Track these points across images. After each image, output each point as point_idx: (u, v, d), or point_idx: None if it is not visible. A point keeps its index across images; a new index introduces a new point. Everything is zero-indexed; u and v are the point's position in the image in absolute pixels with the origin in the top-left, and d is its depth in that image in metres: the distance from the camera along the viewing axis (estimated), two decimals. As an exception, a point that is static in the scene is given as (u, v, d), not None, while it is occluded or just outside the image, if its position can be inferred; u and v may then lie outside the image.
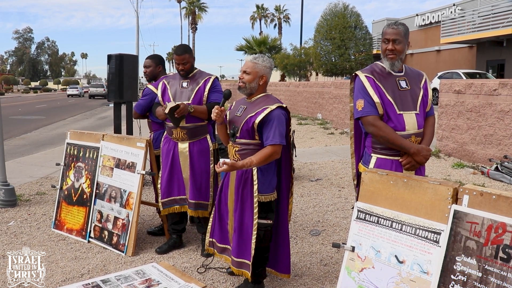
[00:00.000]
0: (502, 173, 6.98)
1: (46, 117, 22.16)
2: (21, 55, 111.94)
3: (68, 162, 4.74)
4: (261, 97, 3.18)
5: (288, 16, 65.68)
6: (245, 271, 3.16)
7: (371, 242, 2.66)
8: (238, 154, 3.13)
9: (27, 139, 13.88)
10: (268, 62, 3.17)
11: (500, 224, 2.18)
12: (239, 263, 3.18)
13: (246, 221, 3.13)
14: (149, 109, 4.38)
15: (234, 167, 2.95)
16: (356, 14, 28.11)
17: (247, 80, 3.12)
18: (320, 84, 19.01)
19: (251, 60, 3.15)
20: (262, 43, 31.65)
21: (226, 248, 3.38)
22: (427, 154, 2.97)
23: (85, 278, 3.59)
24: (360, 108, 2.99)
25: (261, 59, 3.15)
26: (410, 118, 2.98)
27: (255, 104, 3.15)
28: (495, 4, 22.02)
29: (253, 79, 3.13)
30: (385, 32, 3.03)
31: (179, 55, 3.87)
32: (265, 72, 3.15)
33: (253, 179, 3.08)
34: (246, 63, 3.17)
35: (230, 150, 3.20)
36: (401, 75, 3.07)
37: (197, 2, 61.92)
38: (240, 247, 3.17)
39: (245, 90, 3.16)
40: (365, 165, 3.11)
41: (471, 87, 8.42)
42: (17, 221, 5.02)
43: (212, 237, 3.43)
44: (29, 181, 7.02)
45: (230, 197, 3.25)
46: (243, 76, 3.14)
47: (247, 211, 3.13)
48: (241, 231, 3.16)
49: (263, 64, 3.14)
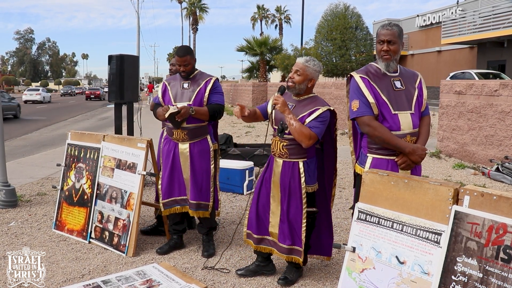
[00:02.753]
0: (503, 174, 6.97)
1: (47, 118, 22.19)
2: (22, 55, 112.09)
3: (69, 162, 4.75)
4: (310, 98, 3.36)
5: (288, 17, 65.82)
6: (296, 257, 3.40)
7: (372, 242, 2.66)
8: (286, 148, 3.32)
9: (28, 139, 13.90)
10: (318, 66, 3.33)
11: (501, 225, 2.17)
12: (290, 250, 3.40)
13: (295, 211, 3.36)
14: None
15: (284, 108, 3.19)
16: (357, 14, 28.09)
17: (297, 81, 3.28)
18: (321, 84, 18.98)
19: (303, 62, 3.28)
20: (263, 44, 31.59)
21: (263, 239, 3.54)
22: (422, 154, 2.98)
23: (85, 278, 3.59)
24: (355, 108, 3.01)
25: (312, 63, 3.29)
26: (405, 118, 2.99)
27: (304, 104, 3.32)
28: (496, 4, 22.02)
29: (303, 81, 3.28)
30: (380, 33, 3.05)
31: (181, 56, 3.87)
32: (314, 75, 3.32)
33: (300, 172, 3.31)
34: (298, 64, 3.30)
35: (277, 145, 3.37)
36: (396, 76, 3.09)
37: (198, 3, 61.95)
38: (290, 235, 3.38)
39: (294, 90, 3.32)
40: (361, 165, 3.13)
41: (471, 88, 8.42)
42: (17, 221, 5.02)
43: (250, 229, 3.57)
44: (30, 181, 7.02)
45: (274, 189, 3.42)
46: (293, 76, 3.28)
47: (296, 202, 3.35)
48: (290, 220, 3.37)
49: (313, 68, 3.29)
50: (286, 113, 3.19)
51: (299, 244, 3.37)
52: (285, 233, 3.39)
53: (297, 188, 3.33)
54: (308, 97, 3.35)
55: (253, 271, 3.60)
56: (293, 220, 3.36)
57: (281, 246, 3.42)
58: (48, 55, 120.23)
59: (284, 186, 3.36)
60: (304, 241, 3.36)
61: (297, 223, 3.36)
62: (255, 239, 3.55)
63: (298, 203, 3.34)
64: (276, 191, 3.40)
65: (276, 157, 3.39)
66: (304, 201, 3.33)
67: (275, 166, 3.39)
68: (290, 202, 3.36)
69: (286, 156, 3.34)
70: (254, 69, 34.57)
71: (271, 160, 3.46)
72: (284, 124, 3.24)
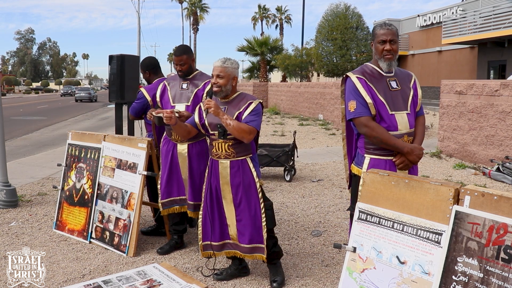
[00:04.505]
0: (503, 174, 6.97)
1: (48, 118, 22.20)
2: (23, 55, 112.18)
3: (70, 162, 4.75)
4: (238, 96, 3.40)
5: (289, 17, 65.81)
6: (259, 255, 3.39)
7: (373, 242, 2.66)
8: (232, 148, 3.32)
9: (29, 139, 13.90)
10: (235, 63, 3.36)
11: (501, 225, 2.17)
12: (252, 249, 3.40)
13: (254, 206, 3.36)
14: (143, 112, 4.40)
15: (218, 111, 3.19)
16: (357, 14, 28.06)
17: (222, 84, 3.29)
18: (322, 85, 19.00)
19: (221, 65, 3.30)
20: (264, 44, 31.56)
21: (225, 244, 3.52)
22: (420, 153, 2.99)
23: (86, 278, 3.60)
24: (353, 109, 2.99)
25: (229, 62, 3.32)
26: (402, 118, 2.99)
27: (235, 103, 3.35)
28: (496, 4, 22.00)
29: (227, 82, 3.31)
30: (380, 33, 3.02)
31: (178, 56, 3.88)
32: (235, 72, 3.35)
33: (250, 168, 3.35)
34: (216, 68, 3.30)
35: (221, 147, 3.35)
36: (391, 76, 3.08)
37: (199, 3, 61.99)
38: (250, 234, 3.37)
39: (221, 93, 3.33)
40: (358, 166, 3.11)
41: (472, 88, 8.41)
42: (18, 221, 5.02)
43: (208, 240, 3.51)
44: (31, 181, 7.03)
45: (225, 191, 3.40)
46: (217, 81, 3.29)
47: (253, 197, 3.36)
48: (249, 217, 3.36)
49: (232, 66, 3.32)
50: (220, 115, 3.20)
51: (260, 241, 3.37)
52: (243, 233, 3.39)
53: (252, 183, 3.35)
54: (236, 95, 3.39)
55: (232, 275, 3.58)
56: (252, 216, 3.36)
57: (243, 247, 3.42)
58: (49, 55, 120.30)
59: (236, 185, 3.35)
60: (266, 235, 3.35)
61: (257, 218, 3.36)
62: (216, 246, 3.51)
63: (255, 198, 3.36)
64: (227, 192, 3.39)
65: (222, 159, 3.35)
66: (260, 195, 3.36)
67: (222, 168, 3.37)
68: (247, 199, 3.35)
69: (233, 155, 3.34)
70: (254, 69, 34.58)
71: (214, 164, 3.41)
72: (222, 127, 3.26)
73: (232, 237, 3.48)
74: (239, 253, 3.46)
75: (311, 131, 14.34)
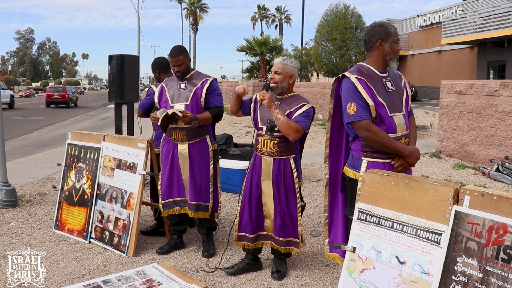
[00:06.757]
0: (503, 174, 6.97)
1: (47, 118, 22.19)
2: (22, 55, 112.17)
3: (69, 162, 4.75)
4: (293, 96, 3.48)
5: (289, 17, 65.78)
6: (294, 248, 3.57)
7: (372, 242, 2.66)
8: (277, 146, 3.42)
9: (28, 139, 13.90)
10: (296, 63, 3.45)
11: (501, 225, 2.17)
12: (287, 242, 3.56)
13: (291, 205, 3.50)
14: (151, 109, 4.40)
15: (271, 104, 3.29)
16: (357, 14, 28.07)
17: (279, 80, 3.39)
18: (321, 85, 19.00)
19: (281, 62, 3.40)
20: (263, 44, 31.53)
21: (259, 235, 3.66)
22: (418, 156, 2.94)
23: (86, 278, 3.59)
24: (353, 112, 2.82)
25: (289, 61, 3.41)
26: (399, 120, 2.91)
27: (289, 101, 3.43)
28: (496, 5, 22.00)
29: (283, 79, 3.39)
30: (395, 33, 2.94)
31: (174, 57, 3.86)
32: (294, 72, 3.43)
33: (292, 168, 3.46)
34: (276, 65, 3.41)
35: (267, 144, 3.45)
36: (386, 76, 2.97)
37: (198, 3, 61.93)
38: (286, 228, 3.53)
39: (277, 90, 3.42)
40: (354, 169, 2.97)
41: (472, 88, 8.42)
42: (18, 221, 5.02)
43: (243, 231, 3.63)
44: (30, 181, 7.02)
45: (266, 187, 3.52)
46: (274, 77, 3.39)
47: (291, 197, 3.49)
48: (286, 214, 3.50)
49: (291, 65, 3.40)
50: (272, 108, 3.29)
51: (296, 236, 3.54)
52: (281, 227, 3.53)
53: (291, 183, 3.47)
54: (291, 95, 3.47)
55: (243, 269, 3.67)
56: (289, 214, 3.51)
57: (278, 239, 3.56)
58: (49, 55, 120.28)
59: (277, 182, 3.47)
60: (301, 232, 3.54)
61: (293, 216, 3.52)
62: (251, 238, 3.63)
63: (292, 197, 3.49)
64: (268, 187, 3.51)
65: (266, 155, 3.46)
66: (298, 195, 3.50)
67: (264, 165, 3.48)
68: (286, 198, 3.49)
69: (277, 154, 3.44)
70: (254, 69, 34.55)
71: (257, 160, 3.52)
72: (272, 122, 3.33)
73: (267, 229, 3.61)
74: (273, 244, 3.60)
75: (310, 131, 14.31)
